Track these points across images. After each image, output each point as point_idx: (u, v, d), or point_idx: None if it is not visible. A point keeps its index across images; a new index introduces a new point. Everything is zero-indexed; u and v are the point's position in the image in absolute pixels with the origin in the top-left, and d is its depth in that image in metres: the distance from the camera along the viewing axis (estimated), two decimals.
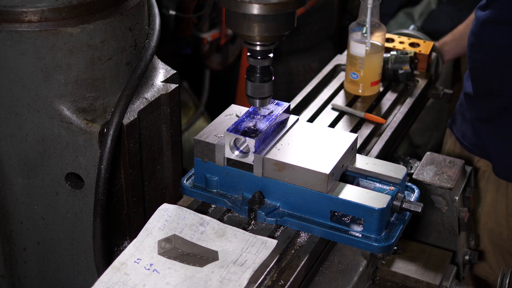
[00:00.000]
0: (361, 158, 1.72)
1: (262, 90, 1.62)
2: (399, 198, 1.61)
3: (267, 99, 1.65)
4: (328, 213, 1.60)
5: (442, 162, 2.13)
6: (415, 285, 1.85)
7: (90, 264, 1.80)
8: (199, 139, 1.67)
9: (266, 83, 1.62)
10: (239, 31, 1.55)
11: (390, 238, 1.58)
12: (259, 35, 1.54)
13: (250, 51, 1.59)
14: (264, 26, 1.52)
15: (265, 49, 1.57)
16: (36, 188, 1.74)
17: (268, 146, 1.65)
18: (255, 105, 1.65)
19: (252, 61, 1.60)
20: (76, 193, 1.73)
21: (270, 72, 1.62)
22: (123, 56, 1.71)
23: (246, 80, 1.62)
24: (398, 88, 2.31)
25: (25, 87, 1.63)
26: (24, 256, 1.85)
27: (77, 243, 1.79)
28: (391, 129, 2.08)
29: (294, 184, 1.61)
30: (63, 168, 1.71)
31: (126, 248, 1.51)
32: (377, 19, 2.18)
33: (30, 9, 1.57)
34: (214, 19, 3.94)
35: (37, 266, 1.86)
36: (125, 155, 1.71)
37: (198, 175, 1.72)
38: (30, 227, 1.80)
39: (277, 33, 1.54)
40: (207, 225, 1.59)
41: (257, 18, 1.51)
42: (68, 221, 1.77)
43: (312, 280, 1.66)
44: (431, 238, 2.12)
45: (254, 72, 1.61)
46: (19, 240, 1.82)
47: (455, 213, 2.07)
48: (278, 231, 1.63)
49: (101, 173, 1.62)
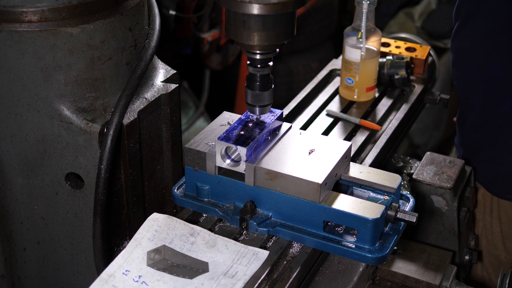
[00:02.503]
0: (355, 167, 1.70)
1: (262, 98, 1.62)
2: (394, 208, 1.58)
3: (267, 107, 1.64)
4: (321, 223, 1.58)
5: (442, 162, 2.13)
6: (415, 285, 1.85)
7: (90, 264, 1.80)
8: (190, 147, 1.65)
9: (266, 91, 1.61)
10: (239, 40, 1.55)
11: (384, 249, 1.55)
12: (259, 44, 1.53)
13: (250, 60, 1.59)
14: (263, 35, 1.52)
15: (265, 57, 1.57)
16: (36, 188, 1.74)
17: (260, 154, 1.62)
18: (255, 113, 1.65)
19: (252, 69, 1.60)
20: (76, 193, 1.73)
21: (270, 80, 1.62)
22: (123, 56, 1.71)
23: (246, 88, 1.62)
24: (394, 94, 2.28)
25: (25, 87, 1.63)
26: (24, 256, 1.85)
27: (77, 243, 1.79)
28: (386, 136, 2.06)
29: (286, 194, 1.59)
30: (63, 168, 1.71)
31: (115, 258, 1.48)
32: (372, 24, 2.16)
33: (30, 9, 1.57)
34: (214, 19, 3.94)
35: (37, 266, 1.86)
36: (125, 155, 1.71)
37: (189, 183, 1.69)
38: (30, 227, 1.80)
39: (277, 42, 1.54)
40: (198, 236, 1.56)
41: (257, 26, 1.51)
42: (68, 221, 1.77)
43: (312, 280, 1.66)
44: (431, 238, 2.12)
45: (254, 81, 1.61)
46: (19, 240, 1.82)
47: (455, 213, 2.07)
48: (270, 241, 1.61)
49: (101, 173, 1.62)
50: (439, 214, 2.08)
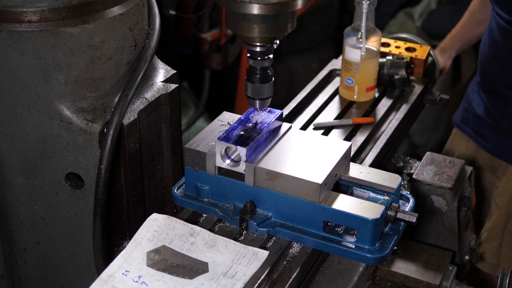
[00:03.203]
0: (355, 167, 1.69)
1: (262, 91, 1.62)
2: (394, 208, 1.58)
3: (267, 100, 1.64)
4: (321, 224, 1.57)
5: (442, 162, 2.13)
6: (415, 285, 1.85)
7: (90, 264, 1.80)
8: (190, 147, 1.65)
9: (266, 84, 1.61)
10: (239, 32, 1.54)
11: (384, 249, 1.55)
12: (259, 36, 1.53)
13: (250, 52, 1.58)
14: (264, 27, 1.52)
15: (265, 50, 1.57)
16: (36, 188, 1.74)
17: (260, 154, 1.62)
18: (255, 106, 1.64)
19: (252, 62, 1.59)
20: (76, 193, 1.73)
21: (270, 73, 1.62)
22: (123, 56, 1.71)
23: (246, 81, 1.62)
24: (393, 94, 2.28)
25: (25, 87, 1.63)
26: (24, 256, 1.85)
27: (77, 243, 1.79)
28: (386, 136, 2.06)
29: (286, 194, 1.58)
30: (63, 168, 1.71)
31: (114, 259, 1.47)
32: (372, 24, 2.16)
33: (30, 9, 1.57)
34: (214, 19, 3.94)
35: (37, 266, 1.86)
36: (125, 155, 1.71)
37: (188, 184, 1.69)
38: (30, 227, 1.80)
39: (277, 34, 1.54)
40: (197, 236, 1.56)
41: (257, 19, 1.50)
42: (68, 221, 1.77)
43: (312, 280, 1.66)
44: (431, 238, 2.12)
45: (254, 73, 1.60)
46: (19, 240, 1.82)
47: (455, 213, 2.07)
48: (270, 242, 1.61)
49: (101, 173, 1.62)
50: (439, 214, 2.08)
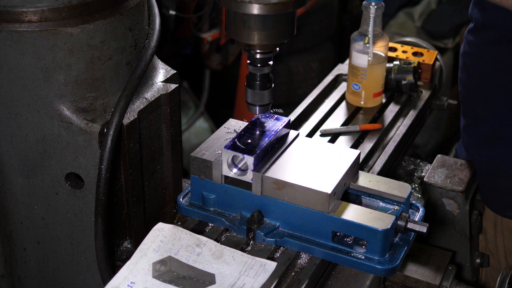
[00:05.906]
0: (364, 176, 1.66)
1: (262, 98, 1.61)
2: (404, 218, 1.55)
3: (267, 106, 1.63)
4: (329, 234, 1.55)
5: (453, 164, 2.10)
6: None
7: (90, 264, 1.80)
8: (196, 156, 1.62)
9: (266, 90, 1.60)
10: (239, 39, 1.54)
11: (394, 260, 1.52)
12: (259, 43, 1.52)
13: (250, 59, 1.58)
14: (263, 34, 1.51)
15: (264, 57, 1.56)
16: (36, 188, 1.74)
17: (267, 163, 1.59)
18: (254, 113, 1.63)
19: (252, 68, 1.59)
20: (76, 193, 1.72)
21: (270, 80, 1.61)
22: (123, 56, 1.71)
23: (246, 88, 1.62)
24: (401, 99, 2.24)
25: (25, 87, 1.63)
26: (24, 256, 1.85)
27: (77, 243, 1.79)
28: (394, 143, 2.03)
29: (294, 204, 1.55)
30: (63, 168, 1.71)
31: (120, 270, 1.45)
32: (379, 29, 2.13)
33: (30, 9, 1.57)
34: (214, 19, 3.94)
35: (37, 266, 1.86)
36: (125, 155, 1.71)
37: (194, 192, 1.67)
38: (30, 227, 1.80)
39: (277, 41, 1.53)
40: (204, 246, 1.53)
41: (257, 26, 1.50)
42: (68, 221, 1.77)
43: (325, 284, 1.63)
44: (442, 241, 2.10)
45: (254, 80, 1.59)
46: (19, 240, 1.82)
47: (466, 216, 2.05)
48: (277, 252, 1.58)
49: (102, 173, 1.62)
50: (451, 217, 2.05)
